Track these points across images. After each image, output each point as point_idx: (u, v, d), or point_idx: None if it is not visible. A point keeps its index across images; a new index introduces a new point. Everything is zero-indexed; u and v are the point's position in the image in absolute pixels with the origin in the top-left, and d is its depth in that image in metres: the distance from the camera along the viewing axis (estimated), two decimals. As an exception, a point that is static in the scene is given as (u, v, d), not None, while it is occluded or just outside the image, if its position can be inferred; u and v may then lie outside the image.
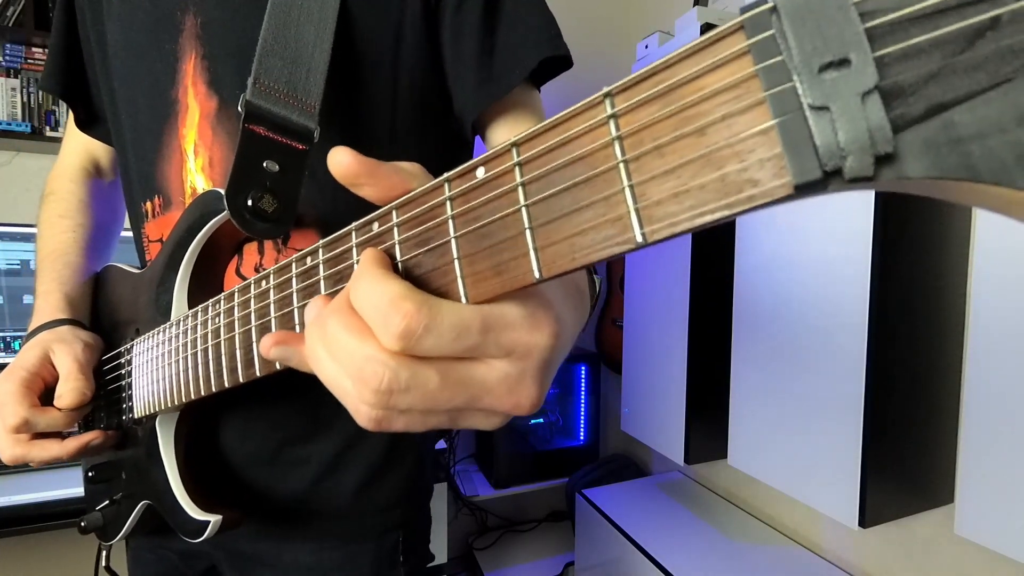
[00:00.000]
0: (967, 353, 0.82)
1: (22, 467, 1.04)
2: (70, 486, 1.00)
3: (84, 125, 0.61)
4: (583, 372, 1.93)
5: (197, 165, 0.49)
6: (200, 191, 0.49)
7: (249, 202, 0.41)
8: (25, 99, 1.42)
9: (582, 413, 1.94)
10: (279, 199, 0.42)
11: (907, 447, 0.95)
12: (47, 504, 0.96)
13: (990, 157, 0.12)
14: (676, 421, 1.37)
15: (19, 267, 1.29)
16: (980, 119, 0.12)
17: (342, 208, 0.48)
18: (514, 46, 0.49)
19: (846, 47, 0.13)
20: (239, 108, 0.42)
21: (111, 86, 0.53)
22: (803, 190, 0.14)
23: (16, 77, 1.41)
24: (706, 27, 1.30)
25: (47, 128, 1.43)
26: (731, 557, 1.25)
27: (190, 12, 0.47)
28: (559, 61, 0.49)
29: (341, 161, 0.24)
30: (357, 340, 0.22)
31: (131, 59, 0.51)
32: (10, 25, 1.37)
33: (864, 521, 0.91)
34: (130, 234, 0.57)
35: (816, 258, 0.99)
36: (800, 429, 1.03)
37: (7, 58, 1.41)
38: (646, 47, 1.53)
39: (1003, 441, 0.75)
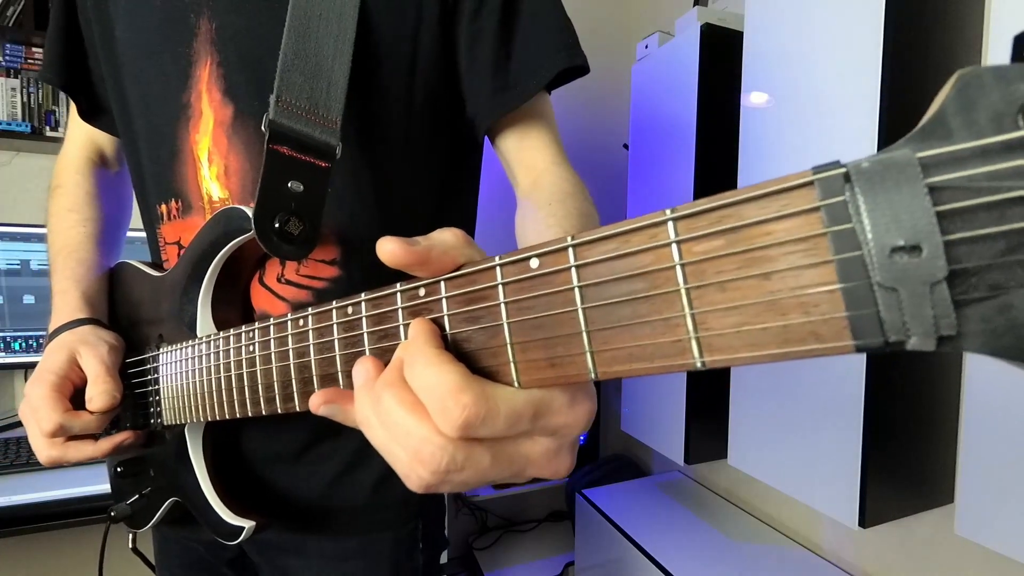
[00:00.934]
0: (967, 352, 0.82)
1: (22, 467, 1.04)
2: (71, 486, 1.00)
3: (87, 116, 0.61)
4: (583, 372, 1.93)
5: (212, 173, 0.48)
6: (215, 199, 0.49)
7: (276, 224, 0.41)
8: (25, 99, 1.41)
9: (582, 413, 1.94)
10: (304, 221, 0.42)
11: (907, 447, 0.95)
12: (47, 504, 0.96)
13: None
14: (676, 421, 1.37)
15: (19, 267, 1.29)
16: None
17: (360, 218, 0.48)
18: (531, 55, 0.49)
19: (918, 235, 0.14)
20: (263, 128, 0.42)
21: (121, 83, 0.53)
22: (862, 351, 0.15)
23: (16, 77, 1.41)
24: (706, 27, 1.30)
25: (47, 128, 1.43)
26: (731, 557, 1.25)
27: (205, 16, 0.47)
28: (575, 69, 0.50)
29: (392, 251, 0.25)
30: (414, 420, 0.23)
31: (141, 58, 0.50)
32: (10, 25, 1.37)
33: (864, 521, 0.91)
34: (139, 234, 0.57)
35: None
36: (800, 429, 1.03)
37: (7, 58, 1.40)
38: (646, 47, 1.53)
39: (1003, 441, 0.75)
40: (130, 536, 0.59)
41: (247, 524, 0.44)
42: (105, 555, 0.65)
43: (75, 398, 0.48)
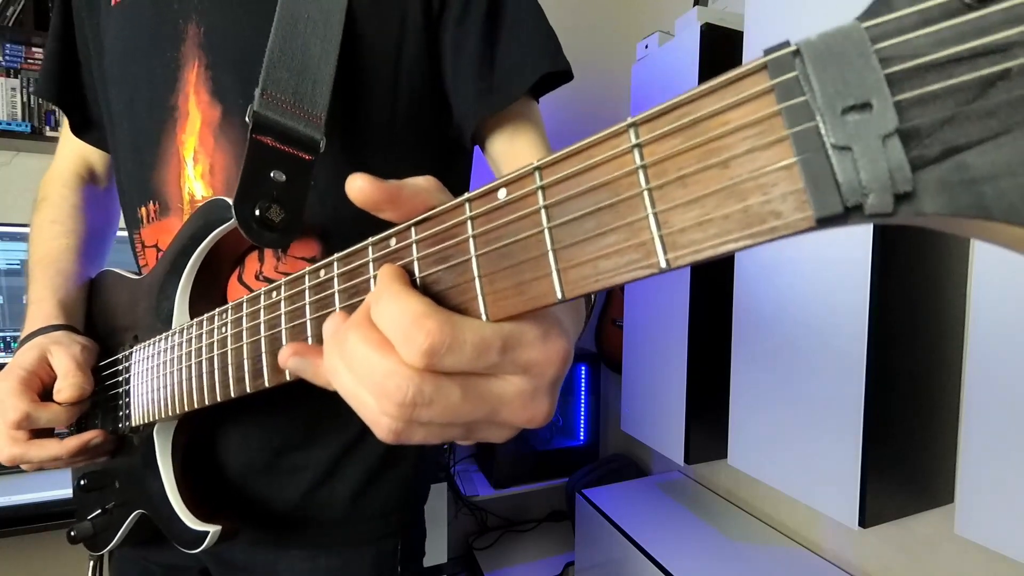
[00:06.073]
0: (967, 353, 0.82)
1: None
2: (70, 486, 1.00)
3: (79, 130, 0.61)
4: (583, 372, 1.93)
5: (196, 172, 0.48)
6: (198, 198, 0.49)
7: (257, 212, 0.41)
8: (25, 99, 1.42)
9: (582, 413, 1.94)
10: (286, 209, 0.42)
11: (907, 447, 0.95)
12: (47, 504, 0.96)
13: (1001, 197, 0.13)
14: (676, 421, 1.37)
15: (19, 267, 1.29)
16: (992, 162, 0.13)
17: (342, 216, 0.48)
18: (515, 59, 0.49)
19: (868, 92, 0.14)
20: (247, 119, 0.42)
21: (107, 91, 0.53)
22: (824, 223, 0.15)
23: (16, 77, 1.41)
24: (706, 27, 1.30)
25: (47, 128, 1.43)
26: (731, 557, 1.25)
27: (193, 21, 0.47)
28: (559, 75, 0.50)
29: (361, 188, 0.24)
30: (379, 355, 0.22)
31: (129, 64, 0.50)
32: (10, 25, 1.37)
33: (864, 521, 0.91)
34: (126, 234, 0.57)
35: (816, 258, 0.99)
36: (800, 429, 1.03)
37: (7, 58, 1.41)
38: (646, 47, 1.53)
39: (1003, 441, 0.75)
40: (90, 564, 0.57)
41: (211, 529, 0.42)
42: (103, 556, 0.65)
43: (44, 396, 0.47)
